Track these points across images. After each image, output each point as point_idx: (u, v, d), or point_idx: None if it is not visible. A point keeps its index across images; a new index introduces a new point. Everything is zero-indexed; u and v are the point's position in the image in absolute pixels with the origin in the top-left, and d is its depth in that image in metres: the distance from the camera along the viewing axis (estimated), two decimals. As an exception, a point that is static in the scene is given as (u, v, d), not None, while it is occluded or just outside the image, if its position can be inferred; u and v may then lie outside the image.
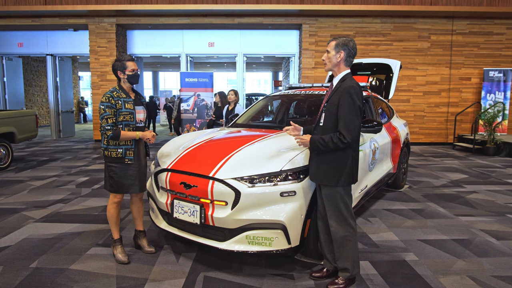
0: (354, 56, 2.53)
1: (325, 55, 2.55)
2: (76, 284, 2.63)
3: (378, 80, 6.05)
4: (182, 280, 2.70)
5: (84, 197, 4.94)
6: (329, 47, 2.52)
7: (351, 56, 2.51)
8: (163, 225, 3.10)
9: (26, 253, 3.15)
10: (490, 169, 7.02)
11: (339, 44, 2.48)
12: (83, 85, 23.57)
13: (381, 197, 4.96)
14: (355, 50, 2.51)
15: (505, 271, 2.87)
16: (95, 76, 10.83)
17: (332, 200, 2.51)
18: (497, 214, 4.28)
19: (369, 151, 3.77)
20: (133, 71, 2.93)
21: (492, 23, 10.27)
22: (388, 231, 3.72)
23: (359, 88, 2.43)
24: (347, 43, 2.47)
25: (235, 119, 4.60)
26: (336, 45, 2.48)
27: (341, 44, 2.47)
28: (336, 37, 2.53)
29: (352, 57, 2.51)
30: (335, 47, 2.49)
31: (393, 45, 10.37)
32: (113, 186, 2.93)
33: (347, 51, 2.48)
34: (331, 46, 2.51)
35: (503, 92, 10.16)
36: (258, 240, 2.63)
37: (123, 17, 10.49)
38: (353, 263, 2.56)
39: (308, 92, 4.36)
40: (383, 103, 5.12)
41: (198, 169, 2.83)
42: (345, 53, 2.48)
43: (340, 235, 2.52)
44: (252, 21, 10.41)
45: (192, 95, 9.30)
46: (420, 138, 10.68)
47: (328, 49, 2.52)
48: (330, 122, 2.47)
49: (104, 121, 2.81)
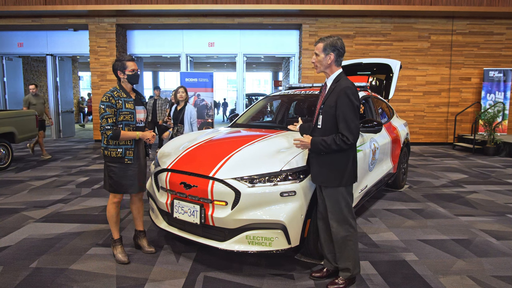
0: (343, 55, 2.49)
1: (314, 58, 2.50)
2: (76, 284, 2.63)
3: (378, 80, 6.05)
4: (182, 280, 2.70)
5: (84, 197, 4.94)
6: (317, 49, 2.46)
7: (341, 56, 2.48)
8: (163, 225, 3.10)
9: (26, 253, 3.15)
10: (490, 169, 7.02)
11: (328, 45, 2.43)
12: (83, 85, 23.55)
13: (381, 197, 4.96)
14: (344, 49, 2.48)
15: (505, 271, 2.87)
16: (95, 76, 10.83)
17: (334, 200, 2.51)
18: (497, 214, 4.28)
19: (369, 151, 3.77)
20: (133, 71, 2.93)
21: (492, 23, 10.27)
22: (388, 231, 3.72)
23: (354, 88, 2.43)
24: (335, 43, 2.43)
25: (235, 119, 4.60)
26: (325, 48, 2.43)
27: (329, 45, 2.43)
28: (323, 38, 2.46)
29: (341, 56, 2.48)
30: (323, 49, 2.44)
31: (393, 45, 10.37)
32: (113, 186, 2.93)
33: (336, 52, 2.44)
34: (319, 48, 2.46)
35: (503, 92, 10.16)
36: (258, 240, 2.63)
37: (123, 17, 10.49)
38: (354, 263, 2.56)
39: (308, 92, 4.36)
40: (383, 103, 5.12)
41: (198, 169, 2.83)
42: (334, 54, 2.44)
43: (341, 236, 2.52)
44: (252, 21, 10.41)
45: (192, 95, 9.30)
46: (420, 138, 10.68)
47: (317, 52, 2.47)
48: (329, 124, 2.46)
49: (104, 120, 2.81)
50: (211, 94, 9.39)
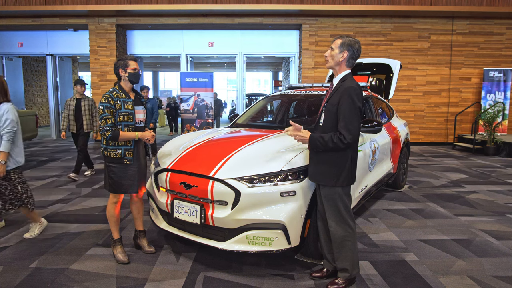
0: (357, 59, 2.51)
1: (328, 52, 2.53)
2: (76, 284, 2.63)
3: (378, 80, 6.05)
4: (182, 280, 2.70)
5: (84, 197, 4.94)
6: (334, 44, 2.49)
7: (354, 58, 2.49)
8: (163, 225, 3.10)
9: (26, 253, 3.15)
10: (490, 169, 7.02)
11: (345, 43, 2.45)
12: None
13: (381, 197, 4.96)
14: (359, 53, 2.49)
15: (505, 271, 2.87)
16: (95, 76, 10.83)
17: (331, 201, 2.51)
18: (497, 214, 4.28)
19: (369, 151, 3.77)
20: (134, 69, 2.94)
21: (492, 23, 10.28)
22: (388, 231, 3.72)
23: (359, 89, 2.43)
24: (353, 44, 2.46)
25: (235, 119, 4.60)
26: (341, 44, 2.46)
27: (346, 44, 2.45)
28: (343, 35, 2.50)
29: (354, 59, 2.50)
30: (340, 45, 2.46)
31: (393, 45, 10.37)
32: (113, 186, 2.93)
33: (350, 52, 2.46)
34: (336, 44, 2.49)
35: (503, 92, 10.16)
36: (258, 240, 2.63)
37: (123, 17, 10.49)
38: (352, 263, 2.55)
39: (308, 92, 4.36)
40: (383, 103, 5.12)
41: (198, 169, 2.83)
42: (348, 53, 2.46)
43: (339, 236, 2.52)
44: (252, 21, 10.41)
45: (192, 95, 9.30)
46: (420, 138, 10.68)
47: (333, 47, 2.50)
48: (330, 122, 2.46)
49: (103, 121, 2.81)
50: (211, 94, 9.38)
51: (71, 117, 5.86)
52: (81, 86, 5.88)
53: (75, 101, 5.88)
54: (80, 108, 5.89)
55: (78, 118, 5.90)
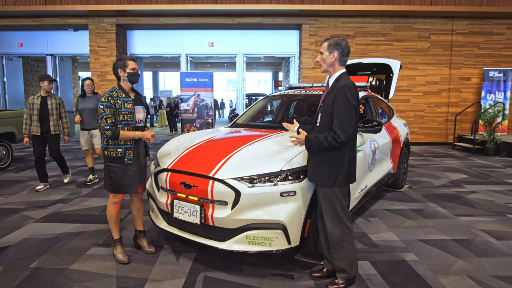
0: (348, 55, 2.52)
1: (319, 57, 2.55)
2: (76, 284, 2.63)
3: (378, 80, 6.06)
4: (182, 280, 2.70)
5: (84, 197, 4.94)
6: (322, 48, 2.52)
7: (345, 55, 2.50)
8: (163, 225, 3.10)
9: (26, 253, 3.15)
10: (490, 169, 7.02)
11: (332, 44, 2.47)
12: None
13: (381, 197, 4.96)
14: (348, 49, 2.51)
15: (505, 271, 2.87)
16: (95, 76, 10.83)
17: (328, 201, 2.51)
18: (497, 214, 4.28)
19: (369, 151, 3.76)
20: (133, 69, 2.94)
21: (492, 23, 10.28)
22: (388, 231, 3.71)
23: (354, 87, 2.43)
24: (339, 42, 2.47)
25: (235, 119, 4.60)
26: (329, 46, 2.48)
27: (333, 44, 2.47)
28: (328, 38, 2.53)
29: (345, 56, 2.51)
30: (327, 47, 2.48)
31: (393, 45, 10.37)
32: (113, 186, 2.93)
33: (340, 51, 2.47)
34: (323, 47, 2.51)
35: (503, 92, 10.16)
36: (258, 240, 2.63)
37: (123, 17, 10.49)
38: (350, 264, 2.55)
39: (308, 92, 4.36)
40: (383, 103, 5.12)
41: (198, 169, 2.83)
42: (338, 52, 2.47)
43: (336, 236, 2.52)
44: (252, 21, 10.41)
45: (192, 95, 9.30)
46: (420, 138, 10.68)
47: (321, 51, 2.52)
48: (327, 122, 2.46)
49: (103, 121, 2.81)
50: (211, 94, 9.39)
51: (35, 117, 5.04)
52: (49, 83, 5.10)
53: (40, 99, 5.09)
54: (47, 107, 5.09)
55: (44, 119, 5.07)
